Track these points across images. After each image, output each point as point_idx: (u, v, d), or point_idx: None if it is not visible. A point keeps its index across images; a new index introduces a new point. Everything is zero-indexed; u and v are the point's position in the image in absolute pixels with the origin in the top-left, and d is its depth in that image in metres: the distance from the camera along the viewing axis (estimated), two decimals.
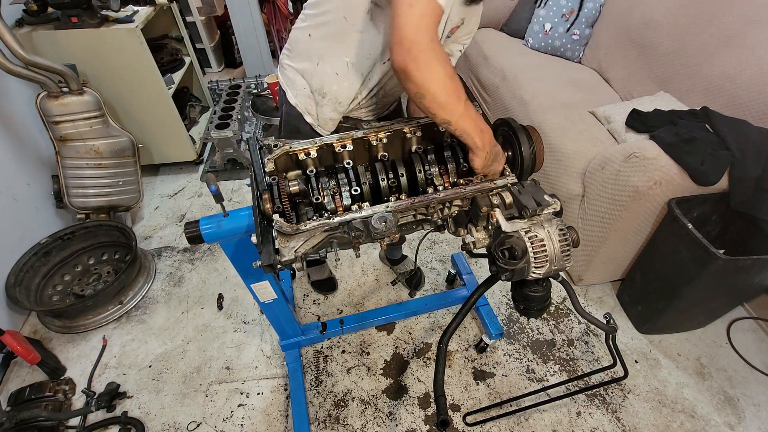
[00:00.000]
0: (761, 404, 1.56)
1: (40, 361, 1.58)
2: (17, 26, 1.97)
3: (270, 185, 0.86)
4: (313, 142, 0.94)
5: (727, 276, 1.43)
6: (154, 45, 2.47)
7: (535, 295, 0.86)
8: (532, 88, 2.24)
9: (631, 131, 1.76)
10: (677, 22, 1.96)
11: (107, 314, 1.86)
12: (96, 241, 2.04)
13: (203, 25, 3.51)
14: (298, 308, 1.91)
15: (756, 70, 1.60)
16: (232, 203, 2.51)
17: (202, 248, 2.20)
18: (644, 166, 1.44)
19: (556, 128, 1.89)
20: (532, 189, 0.87)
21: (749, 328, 1.80)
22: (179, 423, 1.54)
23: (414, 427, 1.51)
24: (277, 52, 3.69)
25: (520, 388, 1.61)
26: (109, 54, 2.05)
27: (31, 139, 2.00)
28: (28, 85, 1.93)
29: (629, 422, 1.51)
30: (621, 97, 2.22)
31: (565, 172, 1.79)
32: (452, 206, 0.91)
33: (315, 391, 1.62)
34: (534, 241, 0.78)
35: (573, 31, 2.51)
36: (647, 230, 1.64)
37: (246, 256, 1.11)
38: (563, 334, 1.78)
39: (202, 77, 2.95)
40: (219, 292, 1.97)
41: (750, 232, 1.52)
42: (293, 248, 0.79)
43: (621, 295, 1.90)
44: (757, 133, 1.46)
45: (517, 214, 0.85)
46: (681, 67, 1.91)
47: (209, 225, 1.00)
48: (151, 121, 2.35)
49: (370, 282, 2.01)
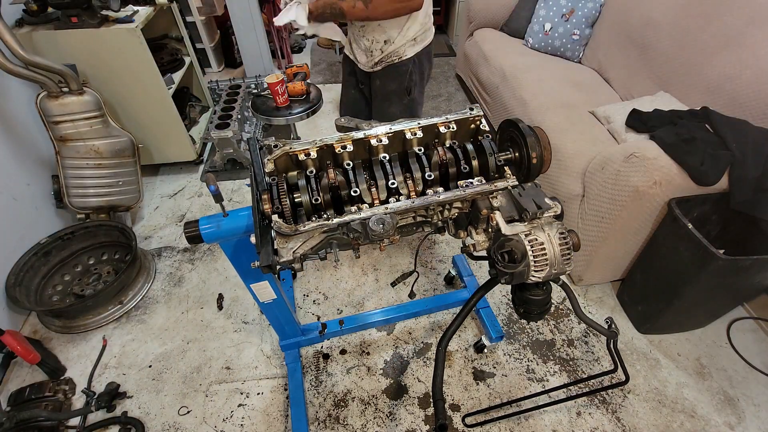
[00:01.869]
0: (761, 404, 1.56)
1: (40, 361, 1.59)
2: (17, 26, 1.97)
3: (270, 185, 0.86)
4: (313, 142, 0.94)
5: (727, 276, 1.43)
6: (154, 45, 2.47)
7: (535, 299, 0.86)
8: (532, 88, 2.24)
9: (631, 131, 1.76)
10: (677, 22, 1.96)
11: (107, 314, 1.86)
12: (96, 241, 2.04)
13: (203, 25, 3.51)
14: (298, 308, 1.91)
15: (756, 70, 1.60)
16: (232, 203, 2.51)
17: (202, 248, 2.20)
18: (644, 166, 1.44)
19: (556, 128, 1.89)
20: (533, 192, 0.87)
21: (749, 328, 1.80)
22: (179, 423, 1.54)
23: (414, 427, 1.52)
24: (277, 52, 3.69)
25: (520, 388, 1.61)
26: (109, 54, 2.05)
27: (31, 139, 2.00)
28: (28, 85, 1.93)
29: (629, 422, 1.51)
30: (621, 97, 2.22)
31: (565, 172, 1.79)
32: (452, 208, 0.91)
33: (315, 391, 1.62)
34: (534, 244, 0.78)
35: (573, 31, 2.51)
36: (647, 230, 1.64)
37: (245, 256, 1.11)
38: (563, 335, 1.78)
39: (202, 77, 2.95)
40: (219, 292, 1.97)
41: (750, 232, 1.52)
42: (292, 249, 0.79)
43: (621, 295, 1.90)
44: (757, 133, 1.46)
45: (518, 216, 0.85)
46: (681, 67, 1.90)
47: (209, 225, 1.00)
48: (151, 121, 2.35)
49: (370, 282, 2.02)
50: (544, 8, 2.60)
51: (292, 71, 2.29)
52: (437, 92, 3.54)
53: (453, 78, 3.72)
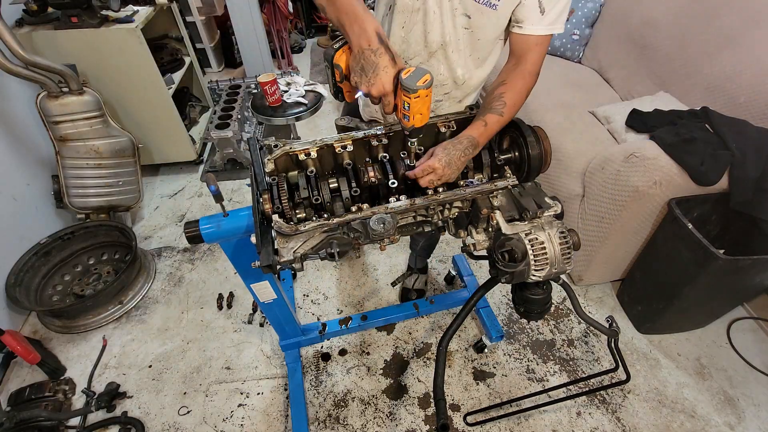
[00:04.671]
0: (761, 404, 1.56)
1: (40, 361, 1.58)
2: (17, 26, 1.97)
3: (270, 185, 0.85)
4: (313, 142, 0.94)
5: (727, 276, 1.43)
6: (154, 45, 2.47)
7: (535, 298, 0.86)
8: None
9: (631, 131, 1.76)
10: (677, 22, 1.96)
11: (107, 314, 1.86)
12: (96, 241, 2.04)
13: (203, 25, 3.51)
14: (298, 308, 1.91)
15: (756, 70, 1.60)
16: (233, 203, 2.51)
17: (202, 248, 2.20)
18: (644, 166, 1.44)
19: (556, 128, 1.89)
20: (533, 191, 0.87)
21: (749, 328, 1.80)
22: (179, 423, 1.54)
23: (414, 427, 1.51)
24: (277, 52, 3.69)
25: (521, 388, 1.61)
26: (109, 54, 2.05)
27: (31, 139, 2.00)
28: (28, 85, 1.93)
29: (629, 422, 1.51)
30: (621, 97, 2.22)
31: (565, 172, 1.79)
32: (452, 208, 0.91)
33: (315, 391, 1.62)
34: (534, 243, 0.77)
35: (573, 31, 2.51)
36: (647, 230, 1.64)
37: (245, 256, 1.11)
38: (563, 334, 1.78)
39: (202, 77, 2.95)
40: (222, 292, 1.97)
41: (750, 232, 1.52)
42: (292, 249, 0.79)
43: (621, 295, 1.90)
44: (757, 133, 1.46)
45: (518, 216, 0.85)
46: (681, 67, 1.90)
47: (209, 225, 1.00)
48: (151, 121, 2.35)
49: (370, 282, 2.01)
50: None
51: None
52: None
53: None
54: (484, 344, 1.69)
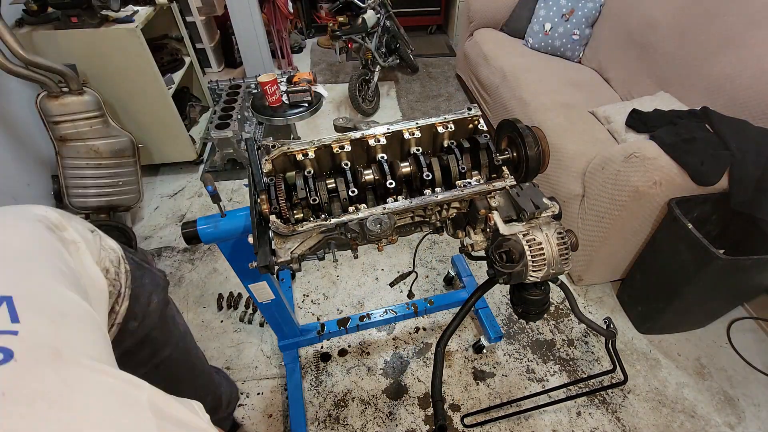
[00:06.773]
0: (761, 404, 1.55)
1: None
2: (17, 26, 1.97)
3: (267, 186, 0.85)
4: (312, 143, 0.94)
5: (727, 276, 1.43)
6: (154, 45, 2.47)
7: (533, 299, 0.85)
8: (532, 88, 2.23)
9: (631, 131, 1.76)
10: (677, 22, 1.96)
11: None
12: None
13: (203, 25, 3.51)
14: (298, 308, 1.91)
15: (756, 70, 1.60)
16: (232, 203, 2.52)
17: (202, 248, 2.20)
18: (644, 166, 1.43)
19: (556, 128, 1.89)
20: (531, 191, 0.87)
21: (749, 328, 1.80)
22: None
23: (414, 427, 1.51)
24: (277, 52, 3.69)
25: (520, 388, 1.61)
26: (109, 54, 2.05)
27: (31, 139, 2.00)
28: (28, 85, 1.93)
29: (629, 422, 1.51)
30: (621, 97, 2.22)
31: (565, 172, 1.79)
32: (450, 208, 0.91)
33: (315, 391, 1.62)
34: (532, 244, 0.77)
35: (573, 31, 2.50)
36: (647, 230, 1.63)
37: (243, 256, 1.11)
38: (563, 335, 1.78)
39: (202, 77, 2.95)
40: (222, 292, 1.97)
41: (750, 232, 1.52)
42: (289, 249, 0.79)
43: (621, 295, 1.90)
44: (757, 133, 1.46)
45: (516, 216, 0.85)
46: (681, 67, 1.90)
47: (206, 225, 1.00)
48: (151, 121, 2.36)
49: (370, 282, 2.01)
50: (544, 8, 2.60)
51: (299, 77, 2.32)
52: (437, 92, 3.54)
53: (453, 78, 3.72)
54: (482, 345, 1.69)
